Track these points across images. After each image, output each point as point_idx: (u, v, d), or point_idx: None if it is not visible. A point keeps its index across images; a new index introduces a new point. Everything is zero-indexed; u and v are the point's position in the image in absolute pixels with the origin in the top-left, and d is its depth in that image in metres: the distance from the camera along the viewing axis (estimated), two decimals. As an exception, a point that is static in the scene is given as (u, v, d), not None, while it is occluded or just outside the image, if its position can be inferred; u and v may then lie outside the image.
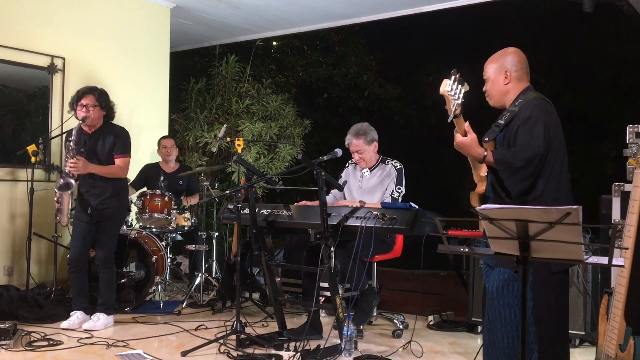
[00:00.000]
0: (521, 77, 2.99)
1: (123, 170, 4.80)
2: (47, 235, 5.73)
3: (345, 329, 3.95)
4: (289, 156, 8.00)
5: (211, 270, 5.99)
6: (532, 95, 2.94)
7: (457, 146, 2.85)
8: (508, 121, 2.88)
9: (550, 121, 2.83)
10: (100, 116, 4.76)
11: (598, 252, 4.15)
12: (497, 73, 2.99)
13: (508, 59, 3.01)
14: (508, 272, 2.83)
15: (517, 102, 2.93)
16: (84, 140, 4.74)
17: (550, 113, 2.90)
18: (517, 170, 2.75)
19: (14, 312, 4.77)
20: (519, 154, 2.77)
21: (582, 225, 1.91)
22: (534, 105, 2.87)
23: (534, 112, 2.82)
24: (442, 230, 2.16)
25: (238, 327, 4.12)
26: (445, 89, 2.75)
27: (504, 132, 2.89)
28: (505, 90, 2.99)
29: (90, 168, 4.65)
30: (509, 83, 2.98)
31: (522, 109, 2.87)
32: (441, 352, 4.27)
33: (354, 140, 4.76)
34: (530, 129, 2.78)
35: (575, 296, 4.39)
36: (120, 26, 6.74)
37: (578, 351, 4.32)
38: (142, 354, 3.99)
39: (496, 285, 2.87)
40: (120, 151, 4.77)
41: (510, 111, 2.91)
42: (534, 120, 2.79)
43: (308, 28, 8.12)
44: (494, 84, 3.00)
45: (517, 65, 2.99)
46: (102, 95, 4.76)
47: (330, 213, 4.05)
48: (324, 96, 11.97)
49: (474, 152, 2.82)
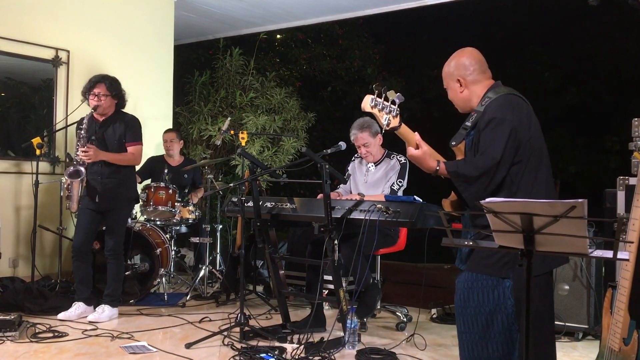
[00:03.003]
0: (478, 79, 2.76)
1: (136, 157, 4.82)
2: (52, 228, 5.74)
3: (349, 322, 3.95)
4: (292, 149, 7.99)
5: (215, 262, 5.99)
6: (501, 91, 2.71)
7: (409, 158, 2.69)
8: (474, 123, 2.69)
9: (519, 120, 2.61)
10: (111, 105, 4.79)
11: (602, 245, 4.14)
12: (451, 82, 2.80)
13: (457, 65, 2.78)
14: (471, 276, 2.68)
15: (483, 101, 2.71)
16: (95, 128, 4.76)
17: (519, 107, 2.67)
18: (474, 181, 2.58)
19: (19, 304, 4.78)
20: (474, 164, 2.60)
21: (587, 219, 1.89)
22: (499, 103, 2.65)
23: (497, 113, 2.61)
24: (446, 224, 2.15)
25: (242, 319, 4.12)
26: (368, 105, 2.56)
27: (472, 135, 2.71)
28: (465, 97, 2.78)
29: (102, 156, 4.65)
30: (465, 90, 2.77)
31: (486, 109, 2.66)
32: (444, 344, 4.27)
33: (360, 134, 4.75)
34: (492, 132, 2.59)
35: (578, 290, 4.38)
36: (125, 19, 6.73)
37: (581, 345, 4.32)
38: (147, 345, 3.99)
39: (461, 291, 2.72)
40: (132, 139, 4.78)
41: (476, 111, 2.71)
42: (496, 122, 2.58)
43: (312, 21, 8.09)
44: (453, 92, 2.81)
45: (469, 69, 2.75)
46: (114, 84, 4.80)
47: (334, 206, 4.04)
48: (328, 89, 11.96)
49: (425, 165, 2.65)
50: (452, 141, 2.75)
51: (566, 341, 4.36)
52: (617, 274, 3.62)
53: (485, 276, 2.65)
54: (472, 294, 2.67)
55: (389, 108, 2.55)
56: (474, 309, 2.67)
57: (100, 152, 4.64)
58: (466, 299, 2.69)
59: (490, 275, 2.64)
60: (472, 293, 2.67)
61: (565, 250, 2.04)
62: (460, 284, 2.73)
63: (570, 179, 10.34)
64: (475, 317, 2.66)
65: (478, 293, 2.65)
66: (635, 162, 3.69)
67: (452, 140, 2.75)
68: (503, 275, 2.61)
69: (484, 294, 2.65)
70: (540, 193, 2.64)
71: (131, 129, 4.79)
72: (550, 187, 2.73)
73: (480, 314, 2.65)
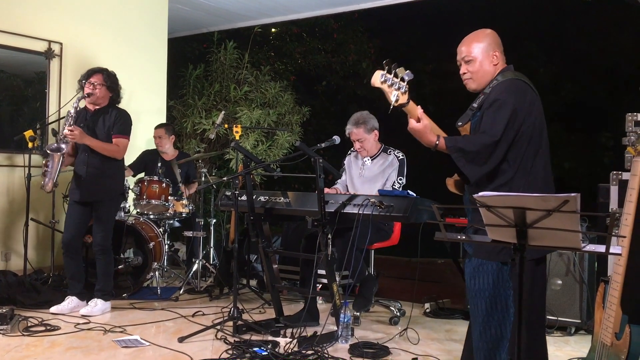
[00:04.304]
0: (502, 58, 2.86)
1: (119, 150, 4.76)
2: (45, 221, 5.73)
3: (342, 316, 3.95)
4: (287, 143, 7.99)
5: (209, 256, 5.99)
6: (509, 75, 2.79)
7: (410, 131, 2.71)
8: (480, 104, 2.75)
9: (520, 104, 2.67)
10: (105, 96, 4.78)
11: (595, 240, 4.16)
12: (485, 54, 2.82)
13: (493, 38, 2.84)
14: (474, 263, 2.77)
15: (492, 83, 2.79)
16: (86, 116, 4.75)
17: (522, 94, 2.73)
18: (474, 156, 2.62)
19: (11, 298, 4.77)
20: (474, 139, 2.66)
21: (580, 214, 1.90)
22: (505, 86, 2.72)
23: (502, 95, 2.67)
24: (440, 218, 2.15)
25: (235, 313, 4.13)
26: (378, 80, 2.60)
27: (478, 116, 2.77)
28: (492, 72, 2.82)
29: (86, 139, 4.62)
30: (498, 64, 2.83)
31: (492, 90, 2.74)
32: (437, 339, 4.28)
33: (354, 130, 4.75)
34: (495, 112, 2.65)
35: (571, 284, 4.40)
36: (118, 11, 6.70)
37: (574, 339, 4.34)
38: (139, 339, 3.99)
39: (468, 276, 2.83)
40: (118, 131, 4.75)
41: (484, 93, 2.78)
42: (499, 103, 2.65)
43: (307, 15, 8.07)
44: (482, 65, 2.81)
45: (500, 46, 2.85)
46: (111, 76, 4.81)
47: (328, 200, 4.04)
48: (323, 83, 11.95)
49: (425, 138, 2.67)
50: (458, 121, 2.81)
51: (559, 336, 4.38)
52: (610, 268, 3.64)
53: (488, 261, 2.75)
54: (476, 278, 2.78)
55: (398, 84, 2.57)
56: (477, 292, 2.78)
57: (85, 135, 4.60)
58: (472, 283, 2.80)
59: (491, 260, 2.73)
60: (476, 277, 2.78)
61: (558, 245, 2.05)
62: (468, 269, 2.85)
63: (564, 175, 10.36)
64: (479, 299, 2.78)
65: (482, 277, 2.76)
66: (629, 157, 3.70)
67: (459, 121, 2.81)
68: (501, 259, 2.70)
69: (486, 277, 2.75)
70: (537, 182, 2.71)
71: (119, 122, 4.76)
72: (547, 177, 2.79)
73: (483, 297, 2.76)
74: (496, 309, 2.74)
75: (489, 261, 2.74)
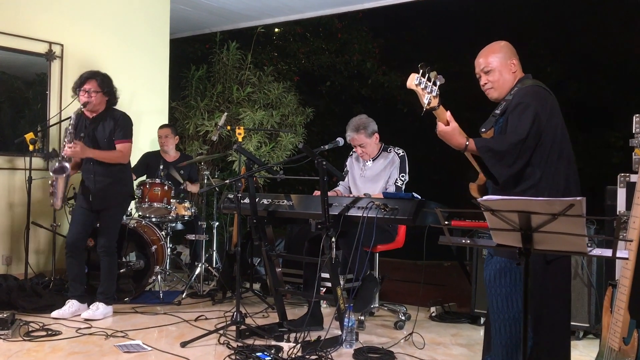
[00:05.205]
0: (520, 68, 3.01)
1: (124, 155, 4.78)
2: (46, 224, 5.74)
3: (346, 320, 3.95)
4: (290, 145, 7.99)
5: (211, 260, 5.99)
6: (528, 82, 2.93)
7: (439, 135, 2.81)
8: (503, 110, 2.88)
9: (542, 108, 2.80)
10: (102, 102, 4.77)
11: (603, 244, 4.15)
12: (503, 64, 2.97)
13: (509, 48, 3.01)
14: (504, 261, 2.84)
15: (512, 90, 2.93)
16: (85, 124, 4.75)
17: (544, 99, 2.86)
18: (502, 155, 2.72)
19: (12, 302, 4.78)
20: (502, 139, 2.77)
21: (586, 217, 1.90)
22: (526, 91, 2.86)
23: (525, 99, 2.81)
24: (444, 222, 2.15)
25: (238, 317, 4.13)
26: (413, 83, 2.69)
27: (501, 122, 2.89)
28: (512, 80, 2.98)
29: (88, 152, 4.64)
30: (516, 72, 2.98)
31: (514, 96, 2.88)
32: (443, 343, 4.28)
33: (355, 136, 4.76)
34: (519, 115, 2.78)
35: (579, 288, 4.38)
36: (120, 12, 6.72)
37: (582, 343, 4.32)
38: (141, 344, 4.00)
39: (492, 274, 2.88)
40: (120, 136, 4.75)
41: (506, 100, 2.91)
42: (523, 106, 2.78)
43: (310, 14, 8.07)
44: (502, 74, 2.97)
45: (517, 55, 3.00)
46: (105, 80, 4.77)
47: (332, 203, 4.04)
48: (327, 84, 11.95)
49: (455, 141, 2.78)
50: (482, 127, 2.90)
51: (566, 340, 4.36)
52: (618, 272, 3.63)
53: (504, 259, 2.82)
54: (495, 276, 2.85)
55: (431, 88, 2.67)
56: (494, 290, 2.85)
57: (87, 149, 4.62)
58: (490, 280, 2.88)
59: (507, 258, 2.81)
60: (494, 275, 2.85)
61: (564, 249, 2.05)
62: (487, 266, 2.93)
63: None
64: (495, 297, 2.85)
65: (499, 275, 2.83)
66: (637, 158, 3.69)
67: (482, 127, 2.90)
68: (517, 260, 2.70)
69: (502, 276, 2.83)
70: (561, 186, 2.78)
71: (121, 126, 4.76)
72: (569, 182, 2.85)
73: (500, 295, 2.83)
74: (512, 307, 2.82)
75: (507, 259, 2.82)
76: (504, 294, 2.84)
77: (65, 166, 4.65)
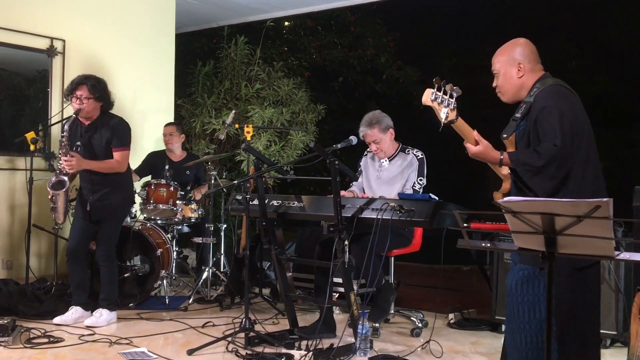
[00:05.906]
0: (534, 68, 2.97)
1: (121, 164, 4.77)
2: (47, 227, 5.76)
3: (360, 327, 3.94)
4: (301, 144, 7.98)
5: (219, 264, 6.00)
6: (548, 82, 2.91)
7: (472, 156, 2.86)
8: (525, 113, 2.86)
9: (565, 108, 2.79)
10: (95, 107, 4.73)
11: (631, 247, 4.11)
12: (507, 66, 2.97)
13: (518, 50, 2.98)
14: (529, 269, 2.82)
15: (532, 91, 2.91)
16: (81, 132, 4.75)
17: (566, 97, 2.86)
18: (540, 170, 2.72)
19: (12, 308, 4.81)
20: (537, 153, 2.75)
21: (613, 219, 1.88)
22: (548, 92, 2.85)
23: (548, 101, 2.79)
24: (462, 224, 2.15)
25: (247, 324, 4.13)
26: (429, 99, 2.72)
27: (523, 126, 2.88)
28: (519, 84, 2.97)
29: (85, 164, 4.64)
30: (523, 76, 2.96)
31: (536, 98, 2.85)
32: (462, 352, 4.26)
33: (369, 131, 4.74)
34: (546, 121, 2.76)
35: (606, 294, 4.35)
36: (123, 6, 6.75)
37: (609, 352, 4.29)
38: (147, 352, 4.01)
39: (515, 282, 2.88)
40: (118, 144, 4.74)
41: (526, 102, 2.89)
42: (548, 110, 2.77)
43: (322, 7, 8.06)
44: (506, 78, 2.98)
45: (530, 57, 2.97)
46: (97, 85, 4.70)
47: (345, 204, 4.04)
48: (339, 80, 11.92)
49: (489, 158, 2.84)
50: (503, 134, 2.90)
51: (592, 349, 4.34)
52: (647, 277, 3.59)
53: (529, 267, 2.82)
54: (518, 283, 2.85)
55: (447, 101, 2.70)
56: (517, 298, 2.85)
57: (84, 161, 4.62)
58: (512, 288, 2.88)
59: (532, 266, 2.80)
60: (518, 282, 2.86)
61: (589, 253, 2.03)
62: (510, 273, 2.94)
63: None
64: (518, 305, 2.85)
65: (524, 282, 2.83)
66: (667, 157, 3.66)
67: (503, 133, 2.90)
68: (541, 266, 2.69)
69: (526, 283, 2.83)
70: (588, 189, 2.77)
71: (117, 134, 4.74)
72: (596, 185, 2.85)
73: (523, 303, 2.83)
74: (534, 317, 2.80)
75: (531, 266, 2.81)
76: (527, 303, 2.82)
77: (64, 180, 4.67)
